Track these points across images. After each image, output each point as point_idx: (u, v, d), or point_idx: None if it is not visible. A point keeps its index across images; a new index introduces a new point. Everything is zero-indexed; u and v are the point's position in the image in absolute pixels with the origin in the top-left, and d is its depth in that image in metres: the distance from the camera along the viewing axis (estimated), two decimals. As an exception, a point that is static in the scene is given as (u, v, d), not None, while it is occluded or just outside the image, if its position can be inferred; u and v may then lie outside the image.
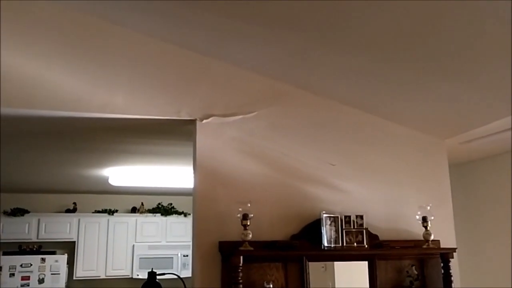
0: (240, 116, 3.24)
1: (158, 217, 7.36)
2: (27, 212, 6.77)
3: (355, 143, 3.49)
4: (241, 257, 2.78)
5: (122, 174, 5.36)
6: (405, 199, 3.50)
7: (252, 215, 2.91)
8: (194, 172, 3.15)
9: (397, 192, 3.50)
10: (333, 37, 2.70)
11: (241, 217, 2.89)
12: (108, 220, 7.15)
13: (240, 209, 2.92)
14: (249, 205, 2.92)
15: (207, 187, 3.08)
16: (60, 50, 2.92)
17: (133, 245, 7.15)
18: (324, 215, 3.13)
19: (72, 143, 3.96)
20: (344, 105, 3.51)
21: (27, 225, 6.73)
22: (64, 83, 2.93)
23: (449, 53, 2.67)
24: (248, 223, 2.89)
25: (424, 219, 3.31)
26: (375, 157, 3.52)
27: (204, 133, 3.15)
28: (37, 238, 6.75)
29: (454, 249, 3.29)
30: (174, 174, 5.48)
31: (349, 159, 3.44)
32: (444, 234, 3.46)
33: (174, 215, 7.40)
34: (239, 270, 2.78)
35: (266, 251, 2.97)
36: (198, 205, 3.05)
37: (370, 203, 3.38)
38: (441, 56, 2.72)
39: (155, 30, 3.03)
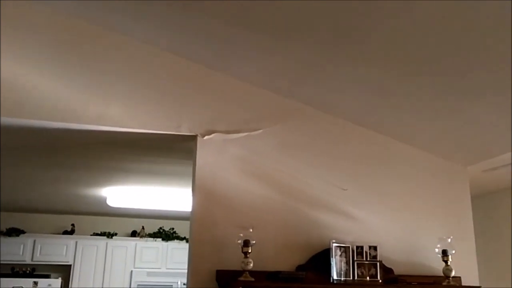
0: (245, 134, 3.06)
1: (159, 242, 7.16)
2: (23, 232, 6.59)
3: (369, 167, 3.28)
4: (241, 289, 2.55)
5: (120, 194, 5.19)
6: (423, 230, 3.25)
7: (254, 242, 2.72)
8: (193, 193, 2.95)
9: (414, 222, 3.26)
10: (346, 49, 2.54)
11: (242, 244, 2.70)
12: (107, 243, 6.94)
13: (241, 235, 2.73)
14: (251, 230, 2.74)
15: (206, 209, 2.88)
16: (52, 56, 2.76)
17: (132, 271, 6.93)
18: (334, 244, 2.89)
19: (65, 159, 3.76)
20: (358, 126, 3.32)
21: (21, 246, 6.53)
22: (55, 92, 2.77)
23: (474, 71, 2.49)
24: (250, 251, 2.69)
25: (445, 253, 3.02)
26: (391, 182, 3.29)
27: (205, 150, 2.97)
28: (32, 260, 6.55)
29: (477, 288, 3.00)
30: (175, 197, 5.28)
31: (362, 184, 3.23)
32: (466, 270, 3.19)
33: (175, 240, 7.21)
34: (238, 303, 2.56)
35: (269, 283, 2.75)
36: (196, 228, 2.85)
37: (384, 233, 3.14)
38: (465, 73, 2.54)
39: (156, 38, 2.89)
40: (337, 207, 3.10)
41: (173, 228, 7.28)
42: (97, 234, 6.95)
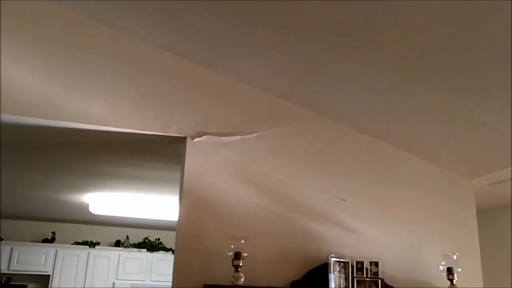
0: (239, 137, 2.87)
1: (144, 253, 6.92)
2: (0, 239, 6.30)
3: (370, 176, 3.10)
4: (230, 306, 2.32)
5: (103, 201, 4.94)
6: (427, 245, 3.07)
7: (246, 255, 2.52)
8: (180, 199, 2.74)
9: (417, 236, 3.07)
10: (348, 48, 2.37)
11: (233, 256, 2.52)
12: (89, 253, 6.68)
13: (231, 246, 2.54)
14: (243, 241, 2.54)
15: (194, 217, 2.67)
16: (27, 45, 2.52)
17: (114, 283, 6.67)
18: (333, 259, 2.69)
19: (44, 161, 3.51)
20: (358, 132, 3.14)
21: None
22: (31, 84, 2.53)
23: (483, 80, 2.34)
24: (241, 264, 2.49)
25: (450, 271, 2.82)
26: (393, 193, 3.12)
27: (195, 153, 2.76)
28: (8, 269, 6.24)
29: (485, 309, 2.79)
30: (162, 205, 5.03)
31: (363, 194, 3.04)
32: (471, 290, 2.96)
33: (161, 251, 6.98)
34: (227, 322, 2.32)
35: (261, 300, 2.52)
36: (182, 238, 2.63)
37: (385, 248, 2.95)
38: (475, 81, 2.38)
39: (146, 32, 2.69)
40: (335, 219, 2.90)
41: (159, 239, 7.06)
42: (78, 243, 6.69)
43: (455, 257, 2.85)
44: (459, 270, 2.82)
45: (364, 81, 2.62)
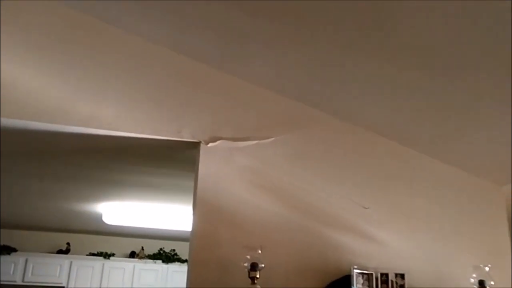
0: (254, 142, 2.76)
1: (159, 264, 6.82)
2: (15, 250, 6.27)
3: (392, 183, 2.96)
4: (246, 320, 2.23)
5: (117, 211, 4.89)
6: (455, 256, 2.90)
7: (263, 265, 2.39)
8: (194, 207, 2.63)
9: (445, 246, 2.92)
10: (370, 45, 2.24)
11: (249, 267, 2.39)
12: (103, 264, 6.60)
13: (248, 257, 2.40)
14: (259, 252, 2.41)
15: (208, 226, 2.56)
16: (36, 46, 2.47)
17: (129, 294, 6.53)
18: (356, 271, 2.55)
19: (55, 168, 3.45)
20: (380, 136, 3.00)
21: (12, 265, 6.20)
22: (40, 88, 2.47)
23: None
24: (258, 276, 2.37)
25: (481, 284, 2.63)
26: (418, 201, 2.97)
27: (209, 159, 2.66)
28: (22, 281, 6.20)
29: (520, 325, 2.61)
30: (177, 215, 4.93)
31: (386, 201, 2.90)
32: (502, 305, 2.79)
33: (176, 262, 6.87)
34: (243, 337, 2.23)
35: (279, 314, 2.40)
36: (196, 248, 2.52)
37: (412, 259, 2.79)
38: (504, 83, 2.23)
39: (156, 33, 2.63)
40: (357, 228, 2.76)
41: (174, 250, 6.97)
42: (93, 254, 6.62)
43: (487, 268, 2.66)
44: (492, 283, 2.64)
45: (386, 81, 2.50)
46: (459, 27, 1.95)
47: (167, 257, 6.84)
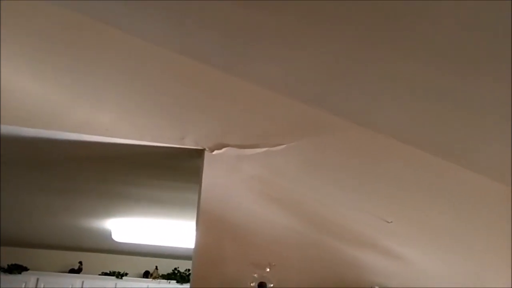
0: (264, 149, 2.59)
1: (173, 285, 6.70)
2: (26, 269, 6.23)
3: (418, 195, 2.75)
4: None
5: (125, 227, 4.81)
6: (488, 275, 2.67)
7: (272, 286, 2.26)
8: (197, 221, 2.46)
9: (476, 264, 2.69)
10: (389, 44, 2.06)
11: (257, 287, 2.27)
12: (116, 284, 6.52)
13: (255, 275, 2.28)
14: (268, 270, 2.29)
15: (212, 241, 2.38)
16: (30, 47, 2.36)
17: (142, 317, 6.44)
18: None
19: (56, 181, 3.32)
20: (403, 143, 2.80)
21: (23, 284, 6.15)
22: (33, 91, 2.36)
23: None
24: None
25: (520, 307, 2.35)
26: (446, 215, 2.76)
27: (214, 168, 2.49)
28: (33, 301, 6.08)
29: None
30: (190, 232, 4.76)
31: (410, 215, 2.69)
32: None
33: (191, 283, 6.62)
34: None
35: None
36: (199, 265, 2.34)
37: (439, 278, 2.58)
38: None
39: (157, 34, 2.48)
40: (379, 244, 2.55)
41: (189, 269, 6.77)
42: (106, 274, 6.55)
43: (525, 291, 2.41)
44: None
45: (410, 81, 2.30)
46: (498, 16, 1.73)
47: (182, 277, 6.71)
